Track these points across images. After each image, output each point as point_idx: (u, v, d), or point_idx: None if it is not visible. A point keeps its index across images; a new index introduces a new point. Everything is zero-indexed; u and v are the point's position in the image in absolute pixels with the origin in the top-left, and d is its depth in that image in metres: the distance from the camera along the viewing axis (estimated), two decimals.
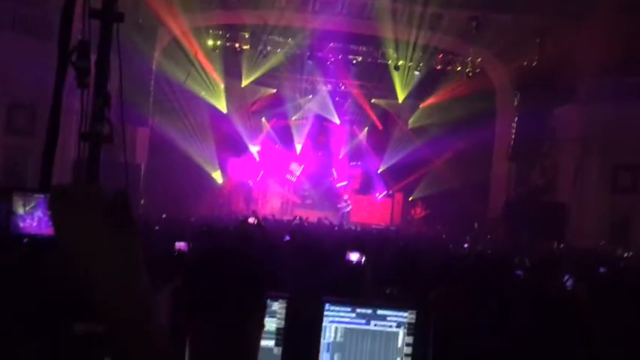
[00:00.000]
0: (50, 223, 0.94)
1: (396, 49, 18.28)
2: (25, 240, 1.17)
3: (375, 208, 21.15)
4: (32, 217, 1.10)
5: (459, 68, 18.87)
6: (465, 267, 4.58)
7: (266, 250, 4.85)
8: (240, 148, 20.29)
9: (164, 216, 11.72)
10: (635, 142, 15.28)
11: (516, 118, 18.19)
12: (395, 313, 2.31)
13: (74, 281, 1.09)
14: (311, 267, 3.24)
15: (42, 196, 1.11)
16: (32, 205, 1.11)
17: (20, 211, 1.10)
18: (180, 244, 3.81)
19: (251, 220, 6.87)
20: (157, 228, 7.91)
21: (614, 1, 14.99)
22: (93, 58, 2.58)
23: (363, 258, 3.73)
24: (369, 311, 2.31)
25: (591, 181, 16.31)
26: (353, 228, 14.41)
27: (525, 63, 17.60)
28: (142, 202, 14.26)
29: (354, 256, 3.71)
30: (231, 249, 1.39)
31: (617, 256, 10.57)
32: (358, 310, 2.30)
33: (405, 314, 2.30)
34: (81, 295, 1.09)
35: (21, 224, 1.09)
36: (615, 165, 16.19)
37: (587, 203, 16.20)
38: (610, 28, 14.78)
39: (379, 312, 2.31)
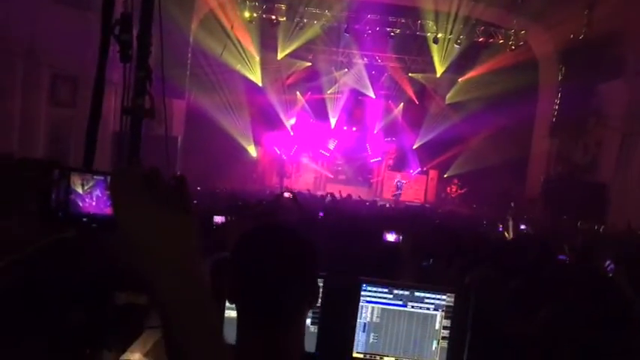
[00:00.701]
0: (109, 203, 0.94)
1: (436, 21, 17.76)
2: (84, 219, 1.19)
3: (409, 185, 20.94)
4: (91, 197, 1.12)
5: (501, 41, 18.25)
6: (502, 247, 4.50)
7: (302, 226, 4.88)
8: (275, 122, 20.32)
9: (198, 189, 11.91)
10: None
11: (560, 93, 17.53)
12: (433, 295, 2.28)
13: (122, 256, 1.10)
14: (347, 246, 3.23)
15: (101, 177, 1.12)
16: (91, 184, 1.12)
17: (79, 190, 1.12)
18: (219, 218, 3.84)
19: (286, 194, 6.89)
20: (194, 202, 8.03)
21: None
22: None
23: (400, 237, 3.68)
24: (407, 293, 2.28)
25: (636, 160, 15.66)
26: (387, 205, 14.32)
27: (572, 35, 16.83)
28: (178, 174, 14.50)
29: (391, 237, 3.66)
30: (282, 225, 1.36)
31: None
32: (395, 292, 2.28)
33: (444, 297, 2.27)
34: (125, 266, 1.11)
35: (80, 203, 1.11)
36: None
37: (632, 183, 15.60)
38: None
39: (417, 294, 2.28)
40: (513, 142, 18.18)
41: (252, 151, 20.03)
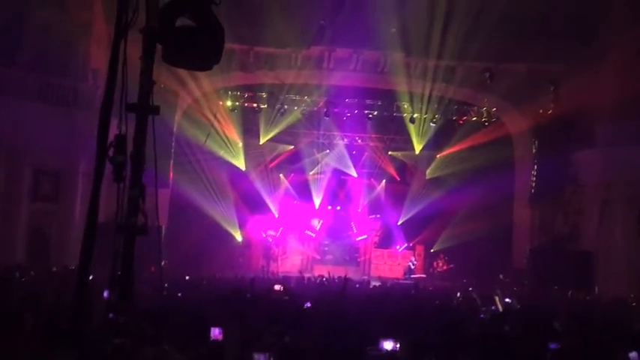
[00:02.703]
0: None
1: (411, 102, 18.54)
2: None
3: (397, 261, 20.81)
4: None
5: (474, 118, 19.03)
6: (503, 337, 4.44)
7: (290, 320, 4.76)
8: (259, 205, 20.34)
9: (187, 278, 11.66)
10: None
11: (535, 165, 18.07)
12: None
13: None
14: (342, 351, 3.13)
15: None
16: None
17: None
18: (215, 332, 3.47)
19: (277, 287, 6.77)
20: (179, 295, 7.85)
21: (627, 45, 15.10)
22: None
23: (398, 345, 3.53)
24: None
25: (617, 226, 15.91)
26: (375, 284, 14.15)
27: (541, 110, 17.67)
28: (163, 263, 14.24)
29: (387, 345, 3.50)
30: None
31: None
32: None
33: None
34: None
35: None
36: None
37: (615, 250, 15.74)
38: (624, 72, 14.82)
39: None
40: (495, 214, 18.41)
41: (238, 235, 19.86)
